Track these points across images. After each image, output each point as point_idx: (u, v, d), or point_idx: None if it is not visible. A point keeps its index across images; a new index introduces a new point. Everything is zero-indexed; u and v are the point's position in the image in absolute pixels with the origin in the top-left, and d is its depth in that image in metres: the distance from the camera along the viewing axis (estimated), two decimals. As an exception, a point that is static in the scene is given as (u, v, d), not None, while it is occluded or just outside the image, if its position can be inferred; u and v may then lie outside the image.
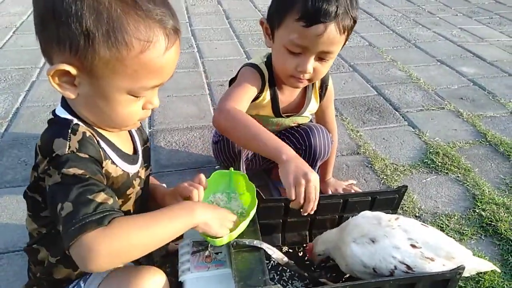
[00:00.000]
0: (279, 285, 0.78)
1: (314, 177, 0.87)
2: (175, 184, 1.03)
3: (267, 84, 1.17)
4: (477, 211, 1.42)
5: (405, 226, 0.90)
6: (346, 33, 1.01)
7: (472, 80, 2.37)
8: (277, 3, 1.04)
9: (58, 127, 0.74)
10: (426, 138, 1.82)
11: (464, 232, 1.34)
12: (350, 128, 1.89)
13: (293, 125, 1.32)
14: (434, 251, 0.88)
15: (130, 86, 0.71)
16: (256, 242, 0.86)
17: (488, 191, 1.51)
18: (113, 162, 0.79)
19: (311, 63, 1.03)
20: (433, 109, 2.07)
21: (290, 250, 1.12)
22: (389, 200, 1.09)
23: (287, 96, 1.23)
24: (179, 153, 1.67)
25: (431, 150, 1.73)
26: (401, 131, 1.88)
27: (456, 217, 1.40)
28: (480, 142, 1.81)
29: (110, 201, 0.70)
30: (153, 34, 0.67)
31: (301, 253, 1.11)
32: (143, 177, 0.91)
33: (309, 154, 1.25)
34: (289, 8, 0.97)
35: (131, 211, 0.88)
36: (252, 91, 1.11)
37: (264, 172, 1.51)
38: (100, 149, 0.76)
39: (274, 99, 1.19)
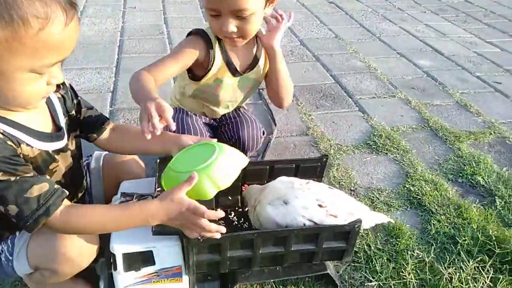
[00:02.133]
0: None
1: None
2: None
3: (215, 45, 1.23)
4: (407, 186, 1.55)
5: (314, 189, 1.00)
6: None
7: (426, 72, 2.50)
8: None
9: None
10: (373, 122, 1.94)
11: (392, 204, 1.46)
12: (303, 112, 2.00)
13: (234, 102, 1.40)
14: (337, 209, 0.99)
15: (31, 64, 0.71)
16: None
17: (421, 170, 1.63)
18: (28, 144, 0.82)
19: (230, 23, 1.11)
20: (384, 97, 2.19)
21: (223, 212, 1.22)
22: (312, 168, 1.20)
23: (238, 53, 1.28)
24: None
25: (375, 133, 1.85)
26: (351, 116, 2.00)
27: (387, 191, 1.52)
28: (423, 127, 1.94)
29: (46, 187, 0.77)
30: (50, 10, 0.67)
31: (232, 214, 1.22)
32: (72, 148, 0.96)
33: (239, 146, 1.33)
34: None
35: (62, 182, 0.93)
36: (184, 58, 1.18)
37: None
38: (8, 140, 0.77)
39: (226, 57, 1.26)
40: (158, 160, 1.09)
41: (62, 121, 0.94)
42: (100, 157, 1.19)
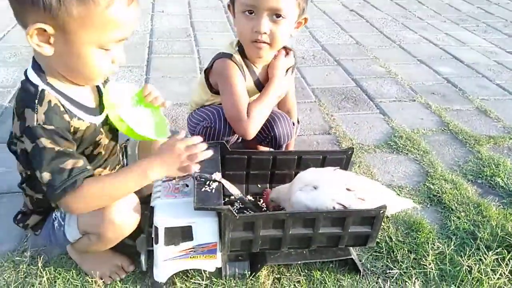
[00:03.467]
0: (229, 206, 0.96)
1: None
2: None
3: (244, 68, 1.31)
4: (427, 184, 1.59)
5: (341, 175, 1.07)
6: None
7: (446, 79, 2.55)
8: None
9: (27, 95, 0.86)
10: (394, 124, 2.00)
11: (413, 200, 1.51)
12: (325, 112, 2.07)
13: None
14: (365, 193, 1.05)
15: (98, 39, 0.83)
16: (215, 176, 1.03)
17: (441, 170, 1.68)
18: (79, 118, 0.93)
19: (265, 22, 1.17)
20: (405, 101, 2.24)
21: (252, 199, 1.29)
22: (338, 160, 1.27)
23: (264, 74, 1.37)
24: (171, 123, 1.86)
25: (395, 134, 1.91)
26: (372, 117, 2.06)
27: (407, 188, 1.57)
28: (443, 130, 1.99)
29: (79, 164, 0.88)
30: None
31: (261, 201, 1.29)
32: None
33: (275, 143, 1.40)
34: None
35: (102, 153, 1.05)
36: (240, 78, 1.27)
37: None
38: (65, 113, 0.88)
39: (255, 78, 1.35)
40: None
41: None
42: (135, 144, 1.28)
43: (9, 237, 1.22)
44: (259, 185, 1.30)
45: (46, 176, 0.85)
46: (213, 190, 1.02)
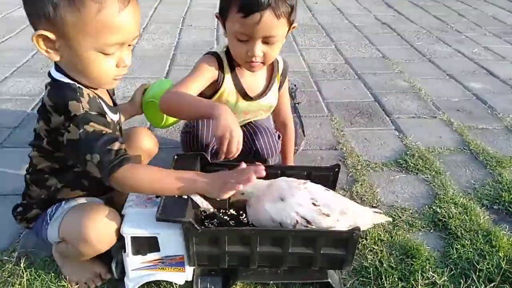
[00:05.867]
0: (190, 219, 0.94)
1: (237, 133, 1.01)
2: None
3: (226, 70, 1.30)
4: (433, 207, 1.48)
5: (310, 188, 1.02)
6: (285, 18, 1.14)
7: (475, 95, 2.38)
8: (223, 0, 1.19)
9: (67, 91, 0.93)
10: (408, 141, 1.89)
11: (414, 224, 1.41)
12: (335, 127, 2.01)
13: (248, 119, 1.44)
14: (330, 208, 1.00)
15: (96, 44, 0.87)
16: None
17: (452, 192, 1.56)
18: (107, 114, 1.00)
19: (259, 48, 1.17)
20: (424, 117, 2.12)
21: (235, 213, 1.27)
22: (324, 177, 1.21)
23: (250, 80, 1.35)
24: (174, 134, 1.89)
25: (408, 152, 1.80)
26: (385, 134, 1.96)
27: (411, 211, 1.47)
28: (462, 150, 1.85)
29: (123, 146, 0.94)
30: None
31: (243, 215, 1.26)
32: (120, 123, 1.16)
33: (257, 156, 1.38)
34: (231, 3, 1.13)
35: None
36: (204, 77, 1.25)
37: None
38: (101, 105, 0.99)
39: (237, 83, 1.33)
40: (175, 157, 1.17)
41: (113, 98, 1.15)
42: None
43: (2, 237, 1.28)
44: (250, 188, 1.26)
45: (95, 157, 0.90)
46: (180, 203, 1.01)
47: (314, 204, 1.00)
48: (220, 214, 1.13)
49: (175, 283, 1.10)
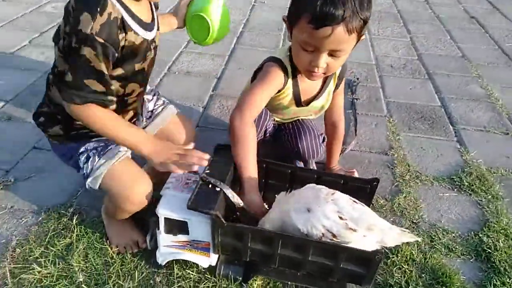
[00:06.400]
0: (217, 212, 0.99)
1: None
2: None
3: (289, 76, 1.28)
4: (480, 235, 1.38)
5: (337, 200, 1.01)
6: (355, 33, 1.09)
7: None
8: (294, 6, 1.15)
9: (91, 1, 0.90)
10: (468, 157, 1.75)
11: (454, 249, 1.33)
12: (391, 130, 1.92)
13: (297, 117, 1.43)
14: (357, 223, 0.98)
15: None
16: (220, 184, 1.07)
17: (506, 223, 1.44)
18: (135, 32, 0.99)
19: (323, 59, 1.13)
20: (494, 132, 1.94)
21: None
22: (360, 189, 1.18)
23: (308, 86, 1.33)
24: (227, 116, 1.94)
25: (465, 169, 1.68)
26: (444, 145, 1.84)
27: (453, 235, 1.39)
28: (530, 176, 1.68)
29: (99, 89, 0.96)
30: None
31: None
32: (157, 42, 1.13)
33: (298, 156, 1.39)
34: (302, 12, 1.08)
35: (145, 69, 1.12)
36: (272, 90, 1.25)
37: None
38: (121, 29, 0.94)
39: (296, 91, 1.32)
40: (216, 146, 1.22)
41: (155, 16, 1.11)
42: (167, 118, 1.34)
43: (62, 193, 1.44)
44: (276, 195, 1.29)
45: (69, 78, 0.94)
46: (213, 194, 1.06)
47: (341, 218, 0.99)
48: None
49: (199, 265, 1.17)
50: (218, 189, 1.07)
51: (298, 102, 1.35)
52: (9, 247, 1.24)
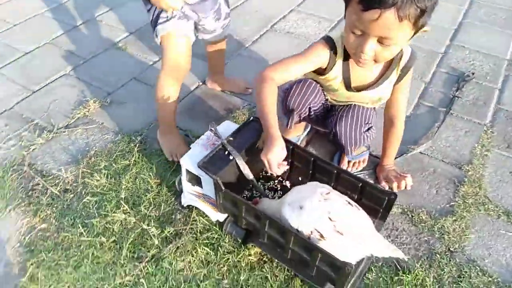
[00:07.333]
0: (218, 178, 1.08)
1: (273, 158, 1.06)
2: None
3: (339, 56, 1.22)
4: (522, 291, 1.18)
5: (331, 201, 0.98)
6: (409, 21, 0.98)
7: None
8: None
9: None
10: None
11: (482, 295, 1.17)
12: (483, 143, 1.64)
13: (351, 102, 1.35)
14: (346, 227, 0.96)
15: None
16: (234, 153, 1.15)
17: None
18: None
19: (370, 46, 1.06)
20: None
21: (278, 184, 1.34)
22: (377, 198, 1.11)
23: (360, 72, 1.25)
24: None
25: (554, 214, 1.37)
26: (544, 178, 1.51)
27: (489, 279, 1.21)
28: None
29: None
30: None
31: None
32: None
33: (336, 138, 1.35)
34: None
35: None
36: (309, 64, 1.21)
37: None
38: None
39: (346, 74, 1.25)
40: (252, 117, 1.27)
41: None
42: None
43: (139, 122, 1.71)
44: (300, 178, 1.30)
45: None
46: (224, 160, 1.14)
47: (330, 219, 0.98)
48: (260, 184, 1.23)
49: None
50: (231, 157, 1.15)
51: (347, 86, 1.29)
52: (88, 155, 1.58)
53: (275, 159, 1.06)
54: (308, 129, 1.67)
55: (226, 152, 1.17)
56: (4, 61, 2.05)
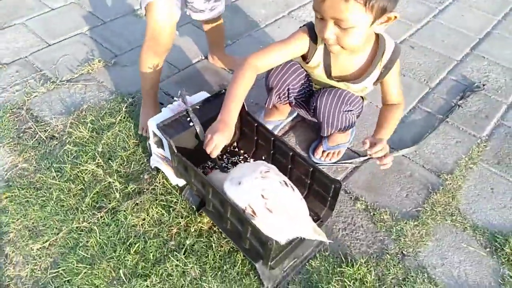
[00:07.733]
0: (171, 141, 1.12)
1: (218, 139, 1.07)
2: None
3: (319, 43, 1.22)
4: (466, 307, 1.14)
5: (268, 179, 1.00)
6: (360, 3, 0.99)
7: None
8: None
9: None
10: (546, 227, 1.34)
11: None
12: (472, 155, 1.57)
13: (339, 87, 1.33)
14: (277, 206, 0.98)
15: None
16: (195, 120, 1.18)
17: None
18: None
19: (329, 30, 1.08)
20: None
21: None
22: (323, 185, 1.11)
23: (341, 60, 1.24)
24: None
25: (525, 237, 1.30)
26: (526, 200, 1.43)
27: (437, 287, 1.18)
28: None
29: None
30: None
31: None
32: None
33: (316, 114, 1.34)
34: None
35: None
36: (291, 51, 1.22)
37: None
38: None
39: (326, 62, 1.25)
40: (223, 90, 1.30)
41: None
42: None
43: (136, 85, 1.75)
44: (263, 157, 1.32)
45: None
46: (184, 125, 1.18)
47: (263, 196, 1.00)
48: (225, 157, 1.27)
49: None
50: (192, 124, 1.19)
51: (328, 74, 1.28)
52: (81, 108, 1.67)
53: (216, 142, 1.07)
54: (294, 115, 1.67)
55: (189, 119, 1.21)
56: (31, 14, 2.19)
